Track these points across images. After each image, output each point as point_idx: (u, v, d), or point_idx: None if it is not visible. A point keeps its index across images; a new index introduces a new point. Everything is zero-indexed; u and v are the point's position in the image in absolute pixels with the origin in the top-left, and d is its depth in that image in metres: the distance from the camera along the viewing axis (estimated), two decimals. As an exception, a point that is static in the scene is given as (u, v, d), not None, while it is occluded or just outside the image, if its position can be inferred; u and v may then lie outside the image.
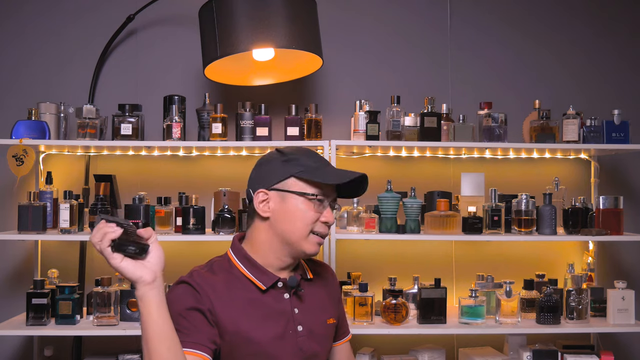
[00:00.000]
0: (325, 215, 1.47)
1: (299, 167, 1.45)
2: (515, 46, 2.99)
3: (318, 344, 1.51)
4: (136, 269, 1.26)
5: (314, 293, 1.55)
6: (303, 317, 1.49)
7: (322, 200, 1.46)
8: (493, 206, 2.51)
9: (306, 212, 1.44)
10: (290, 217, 1.45)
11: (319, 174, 1.45)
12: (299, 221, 1.45)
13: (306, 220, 1.45)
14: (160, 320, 1.27)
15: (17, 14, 2.86)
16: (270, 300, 1.47)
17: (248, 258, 1.49)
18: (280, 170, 1.47)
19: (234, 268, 1.49)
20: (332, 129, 2.85)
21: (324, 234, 1.48)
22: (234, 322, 1.42)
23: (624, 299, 2.52)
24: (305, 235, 1.45)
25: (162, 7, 2.83)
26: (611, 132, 2.59)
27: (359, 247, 2.81)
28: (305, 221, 1.45)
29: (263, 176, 1.49)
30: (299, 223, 1.45)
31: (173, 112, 2.53)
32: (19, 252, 2.80)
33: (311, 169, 1.45)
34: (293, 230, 1.45)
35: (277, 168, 1.47)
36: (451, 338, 2.83)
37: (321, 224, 1.47)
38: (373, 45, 2.95)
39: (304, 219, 1.44)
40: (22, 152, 2.47)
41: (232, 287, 1.46)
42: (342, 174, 1.47)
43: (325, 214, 1.47)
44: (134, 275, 1.26)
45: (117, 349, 2.63)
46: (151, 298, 1.27)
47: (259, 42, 2.31)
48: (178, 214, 2.49)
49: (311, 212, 1.45)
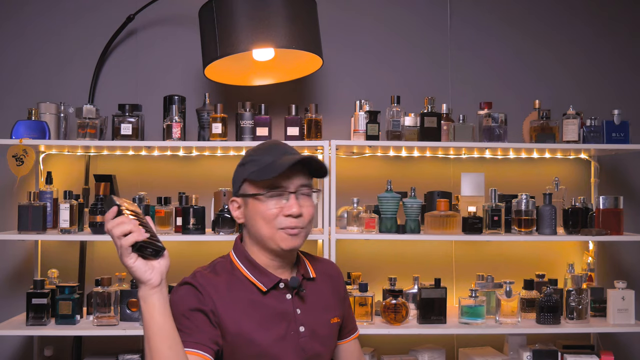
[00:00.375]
0: (287, 209, 1.44)
1: (250, 169, 1.46)
2: (515, 46, 2.99)
3: (321, 344, 1.51)
4: (146, 271, 1.26)
5: (317, 292, 1.55)
6: (305, 318, 1.49)
7: (278, 195, 1.45)
8: (493, 206, 2.51)
9: (265, 212, 1.44)
10: (254, 219, 1.46)
11: (266, 170, 1.43)
12: (261, 221, 1.45)
13: (267, 218, 1.44)
14: (163, 321, 1.28)
15: (17, 14, 2.86)
16: (272, 302, 1.47)
17: (249, 259, 1.49)
18: (238, 175, 1.50)
19: (235, 270, 1.49)
20: (332, 129, 2.85)
21: (291, 226, 1.44)
22: (235, 324, 1.42)
23: (624, 299, 2.52)
24: (273, 233, 1.45)
25: (162, 7, 2.83)
26: (611, 132, 2.59)
27: (359, 247, 2.81)
28: (266, 220, 1.44)
29: (233, 183, 1.54)
30: (262, 222, 1.45)
31: (173, 112, 2.53)
32: (19, 252, 2.80)
33: (262, 166, 1.44)
34: (260, 231, 1.46)
35: (237, 174, 1.51)
36: (451, 338, 2.83)
37: (284, 218, 1.44)
38: (373, 45, 2.95)
39: (265, 218, 1.44)
40: (22, 152, 2.47)
41: (234, 288, 1.46)
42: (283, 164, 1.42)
43: (287, 206, 1.44)
44: (143, 277, 1.26)
45: (117, 349, 2.63)
46: (155, 300, 1.28)
47: (259, 42, 2.31)
48: (178, 214, 2.49)
49: (271, 209, 1.44)
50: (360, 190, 2.80)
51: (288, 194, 1.45)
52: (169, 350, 1.27)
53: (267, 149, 1.49)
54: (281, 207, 1.44)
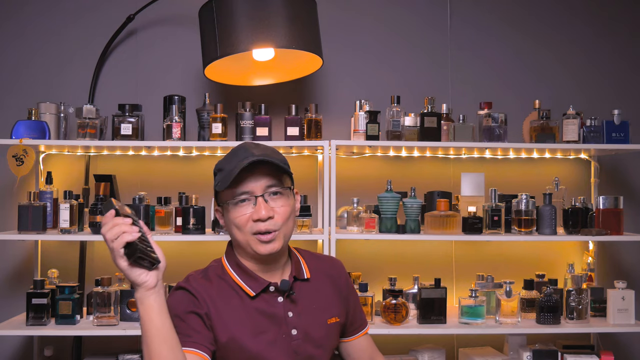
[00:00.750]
0: (255, 214, 1.42)
1: (217, 179, 1.47)
2: (515, 46, 2.99)
3: (314, 346, 1.49)
4: (141, 274, 1.27)
5: (312, 293, 1.53)
6: (297, 320, 1.48)
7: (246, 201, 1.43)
8: (493, 206, 2.51)
9: (235, 219, 1.44)
10: (230, 227, 1.47)
11: (225, 179, 1.42)
12: (234, 228, 1.46)
13: (239, 225, 1.44)
14: (161, 323, 1.28)
15: (17, 14, 2.86)
16: (262, 306, 1.46)
17: (239, 264, 1.49)
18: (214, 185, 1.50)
19: (226, 274, 1.49)
20: (332, 129, 2.85)
21: (261, 230, 1.43)
22: (227, 329, 1.42)
23: (624, 299, 2.52)
24: (247, 240, 1.45)
25: (162, 7, 2.83)
26: (611, 132, 2.59)
27: (359, 247, 2.81)
28: (238, 227, 1.44)
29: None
30: (235, 230, 1.46)
31: (173, 112, 2.53)
32: (19, 252, 2.80)
33: (224, 175, 1.43)
34: (236, 238, 1.47)
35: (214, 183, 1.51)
36: (451, 338, 2.83)
37: (253, 223, 1.43)
38: (373, 45, 2.95)
39: (237, 226, 1.45)
40: (22, 152, 2.47)
41: (225, 294, 1.46)
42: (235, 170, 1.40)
43: (255, 211, 1.42)
44: (138, 280, 1.27)
45: (117, 349, 2.63)
46: (152, 302, 1.28)
47: (259, 42, 2.31)
48: (178, 214, 2.49)
49: (240, 216, 1.43)
50: (360, 190, 2.80)
51: (255, 198, 1.43)
52: (168, 352, 1.27)
53: (232, 155, 1.47)
54: (251, 213, 1.43)
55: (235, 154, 1.48)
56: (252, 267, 1.49)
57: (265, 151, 1.47)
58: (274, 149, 1.52)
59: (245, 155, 1.44)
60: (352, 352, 1.65)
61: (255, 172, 1.43)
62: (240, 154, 1.46)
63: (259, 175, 1.43)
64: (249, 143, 1.52)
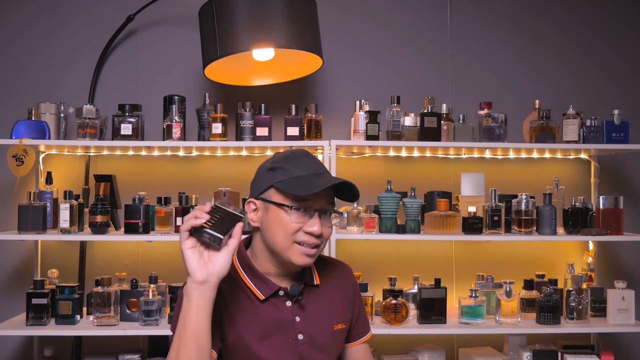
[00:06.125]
0: (308, 226, 1.42)
1: (280, 177, 1.43)
2: (515, 46, 2.99)
3: (320, 352, 1.49)
4: (194, 262, 1.28)
5: (320, 299, 1.53)
6: (304, 325, 1.48)
7: (303, 210, 1.42)
8: (493, 206, 2.51)
9: (287, 224, 1.42)
10: (272, 227, 1.43)
11: (297, 185, 1.40)
12: (279, 231, 1.43)
13: (287, 230, 1.42)
14: (196, 320, 1.28)
15: (17, 14, 2.86)
16: (271, 309, 1.46)
17: (250, 266, 1.49)
18: (264, 179, 1.46)
19: (237, 276, 1.49)
20: (332, 129, 2.85)
21: (309, 243, 1.42)
22: (234, 330, 1.42)
23: (624, 299, 2.52)
24: (288, 246, 1.42)
25: (162, 7, 2.83)
26: (611, 132, 2.59)
27: (359, 247, 2.81)
28: (285, 231, 1.42)
29: (254, 184, 1.50)
30: (280, 233, 1.43)
31: (173, 112, 2.53)
32: (19, 252, 2.80)
33: (292, 178, 1.42)
34: (275, 241, 1.44)
35: (263, 177, 1.47)
36: (451, 338, 2.83)
37: (304, 234, 1.42)
38: (373, 45, 2.95)
39: (284, 230, 1.42)
40: (22, 152, 2.47)
41: (234, 294, 1.46)
42: (319, 184, 1.40)
43: (310, 223, 1.42)
44: (189, 267, 1.28)
45: (117, 349, 2.63)
46: (194, 297, 1.28)
47: (259, 42, 2.31)
48: (178, 214, 2.48)
49: (292, 222, 1.42)
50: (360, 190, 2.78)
51: (313, 211, 1.43)
52: (196, 351, 1.27)
53: (298, 160, 1.46)
54: (303, 223, 1.42)
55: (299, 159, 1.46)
56: (264, 271, 1.48)
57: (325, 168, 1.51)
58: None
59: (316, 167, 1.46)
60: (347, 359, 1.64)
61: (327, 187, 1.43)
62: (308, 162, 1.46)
63: (325, 191, 1.43)
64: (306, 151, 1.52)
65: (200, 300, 1.28)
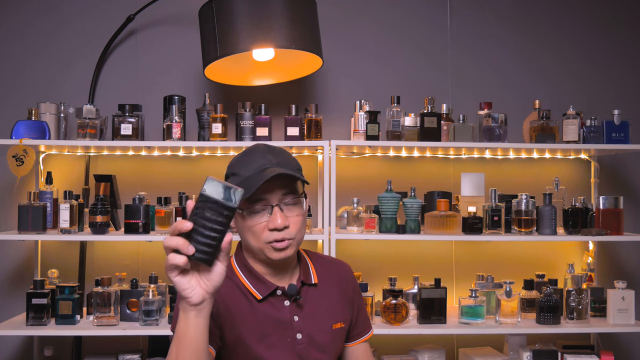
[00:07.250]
0: (271, 222, 1.40)
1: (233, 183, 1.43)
2: (515, 46, 2.99)
3: (319, 351, 1.49)
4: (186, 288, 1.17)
5: (319, 298, 1.53)
6: (303, 325, 1.48)
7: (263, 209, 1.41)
8: (493, 206, 2.51)
9: (252, 227, 1.42)
10: (244, 232, 1.45)
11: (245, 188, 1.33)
12: (249, 235, 1.43)
13: (254, 233, 1.42)
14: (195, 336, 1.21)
15: (17, 14, 2.86)
16: (269, 309, 1.46)
17: (248, 267, 1.49)
18: None
19: (234, 275, 1.49)
20: (332, 129, 2.85)
21: (278, 239, 1.41)
22: (233, 330, 1.42)
23: (624, 299, 2.52)
24: (261, 247, 1.43)
25: (162, 7, 2.83)
26: (611, 132, 2.59)
27: (359, 247, 2.81)
28: (254, 234, 1.42)
29: None
30: (250, 236, 1.43)
31: (173, 112, 2.53)
32: (19, 252, 2.80)
33: (241, 182, 1.40)
34: (250, 244, 1.45)
35: None
36: (451, 338, 2.83)
37: (269, 232, 1.41)
38: (373, 45, 2.95)
39: (252, 233, 1.42)
40: (22, 152, 2.47)
41: (233, 295, 1.46)
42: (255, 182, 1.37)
43: (271, 220, 1.40)
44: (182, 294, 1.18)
45: (117, 349, 2.63)
46: (191, 317, 1.20)
47: (259, 42, 2.31)
48: (178, 214, 2.48)
49: (256, 225, 1.41)
50: (360, 190, 2.80)
51: (271, 207, 1.41)
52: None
53: (249, 158, 1.44)
54: (267, 221, 1.41)
55: (249, 158, 1.44)
56: (261, 271, 1.49)
57: (281, 157, 1.45)
58: (288, 153, 1.49)
59: (263, 162, 1.41)
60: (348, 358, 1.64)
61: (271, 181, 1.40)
62: (256, 159, 1.43)
63: (275, 183, 1.41)
64: (263, 146, 1.48)
65: (198, 319, 1.20)
